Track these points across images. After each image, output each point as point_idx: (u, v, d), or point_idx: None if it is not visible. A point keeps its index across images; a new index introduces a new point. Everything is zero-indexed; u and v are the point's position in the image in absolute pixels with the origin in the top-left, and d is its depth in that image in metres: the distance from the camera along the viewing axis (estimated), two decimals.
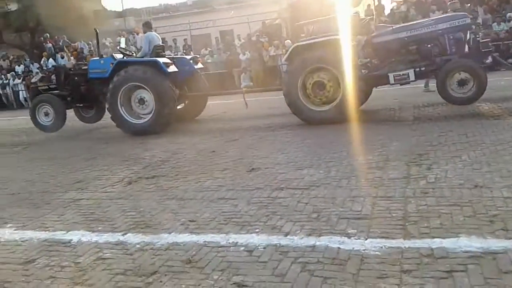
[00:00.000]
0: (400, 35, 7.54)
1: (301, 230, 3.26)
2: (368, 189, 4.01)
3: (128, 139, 8.16)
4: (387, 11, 18.14)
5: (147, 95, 8.48)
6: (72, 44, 20.85)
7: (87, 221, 3.94)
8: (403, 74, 7.39)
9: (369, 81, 7.67)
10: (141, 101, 8.56)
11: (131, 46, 18.92)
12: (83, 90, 9.44)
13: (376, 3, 17.31)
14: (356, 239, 3.03)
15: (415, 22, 8.17)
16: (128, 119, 8.60)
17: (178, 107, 9.33)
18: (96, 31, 9.67)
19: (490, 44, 7.54)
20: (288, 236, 3.19)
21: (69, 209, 4.34)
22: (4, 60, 21.43)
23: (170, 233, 3.48)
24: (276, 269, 2.74)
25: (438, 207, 3.41)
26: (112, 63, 8.74)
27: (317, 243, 3.02)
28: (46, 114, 9.52)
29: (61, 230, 3.77)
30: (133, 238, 3.45)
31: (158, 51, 9.04)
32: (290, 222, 3.45)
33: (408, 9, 16.73)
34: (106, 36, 22.47)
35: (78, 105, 9.85)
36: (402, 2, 17.51)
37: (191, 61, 9.46)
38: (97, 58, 9.42)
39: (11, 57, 21.49)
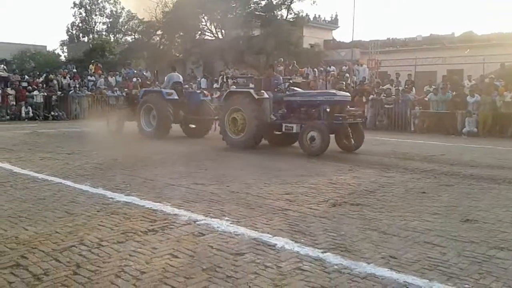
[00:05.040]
0: (296, 98, 10.32)
1: None
2: None
3: (336, 165, 8.34)
4: None
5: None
6: (300, 69, 22.54)
7: (292, 231, 4.16)
8: (290, 126, 9.89)
9: (271, 126, 10.32)
10: (153, 116, 12.53)
11: (353, 76, 19.43)
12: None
13: None
14: None
15: (307, 91, 11.24)
16: (143, 127, 12.70)
17: (192, 126, 13.25)
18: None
19: (340, 117, 9.44)
20: None
21: (277, 216, 4.67)
22: (241, 78, 24.52)
23: (369, 263, 3.40)
24: None
25: None
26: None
27: None
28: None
29: (268, 233, 4.07)
30: (332, 258, 3.49)
31: (176, 85, 12.91)
32: (508, 287, 2.99)
33: None
34: (331, 65, 23.67)
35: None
36: None
37: (200, 93, 13.48)
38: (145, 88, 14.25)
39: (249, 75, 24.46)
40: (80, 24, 48.72)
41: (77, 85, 22.08)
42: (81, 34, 48.74)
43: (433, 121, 16.06)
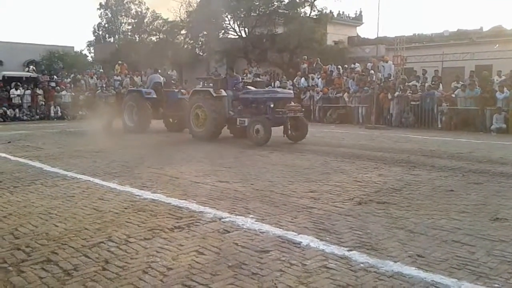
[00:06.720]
0: (248, 96, 11.55)
1: None
2: None
3: (361, 163, 8.26)
4: None
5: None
6: (323, 66, 22.37)
7: (317, 229, 4.15)
8: (242, 120, 11.17)
9: (230, 120, 11.63)
10: (135, 113, 13.94)
11: (378, 73, 19.17)
12: None
13: None
14: None
15: (257, 90, 11.98)
16: (126, 122, 14.17)
17: (170, 120, 14.74)
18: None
19: (280, 112, 10.94)
20: None
21: (301, 214, 4.67)
22: (264, 76, 24.50)
23: (395, 261, 3.37)
24: None
25: None
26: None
27: None
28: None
29: (293, 231, 4.07)
30: (358, 256, 3.47)
31: (156, 85, 14.59)
32: None
33: None
34: (356, 62, 23.38)
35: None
36: None
37: (178, 92, 14.87)
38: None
39: (272, 73, 24.41)
40: (106, 25, 49.52)
41: (104, 85, 22.50)
42: (107, 35, 49.51)
43: (461, 118, 15.70)
